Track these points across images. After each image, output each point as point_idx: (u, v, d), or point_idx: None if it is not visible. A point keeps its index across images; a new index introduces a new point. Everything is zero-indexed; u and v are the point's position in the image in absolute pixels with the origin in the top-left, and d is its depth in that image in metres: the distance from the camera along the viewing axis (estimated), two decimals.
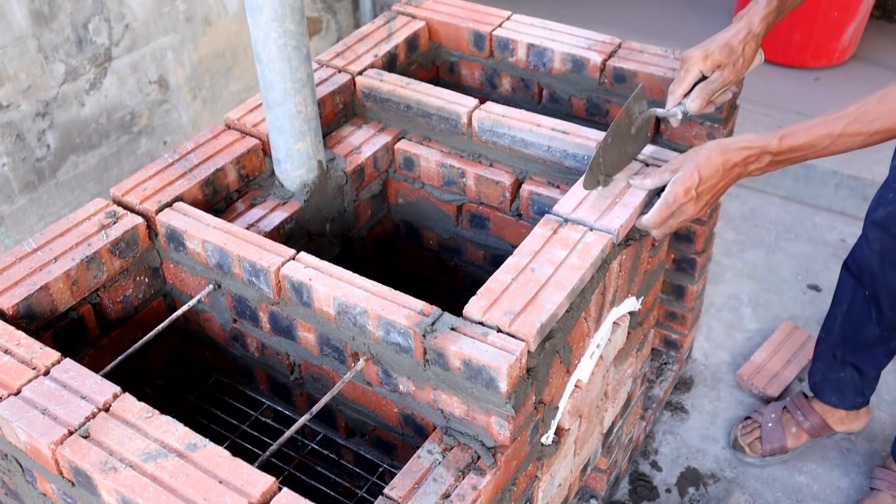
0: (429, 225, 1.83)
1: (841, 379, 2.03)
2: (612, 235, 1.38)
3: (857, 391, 2.04)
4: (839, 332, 1.98)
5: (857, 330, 1.95)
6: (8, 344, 1.23)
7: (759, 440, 2.10)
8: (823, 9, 3.06)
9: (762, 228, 2.81)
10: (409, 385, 1.32)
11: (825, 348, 2.03)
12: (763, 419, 2.12)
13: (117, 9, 2.60)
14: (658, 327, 2.17)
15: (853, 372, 2.01)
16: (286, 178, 1.59)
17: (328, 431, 1.56)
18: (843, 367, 2.02)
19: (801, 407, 2.11)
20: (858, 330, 1.95)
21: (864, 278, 1.88)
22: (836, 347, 2.00)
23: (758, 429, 2.11)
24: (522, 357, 1.20)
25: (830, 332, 2.01)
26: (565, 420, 1.45)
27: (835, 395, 2.06)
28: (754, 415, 2.15)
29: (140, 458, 1.08)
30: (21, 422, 1.13)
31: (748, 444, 2.09)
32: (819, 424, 2.09)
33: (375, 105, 1.76)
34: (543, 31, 1.92)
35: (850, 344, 1.98)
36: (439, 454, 1.24)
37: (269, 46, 1.44)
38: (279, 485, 1.06)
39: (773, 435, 2.09)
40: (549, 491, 1.51)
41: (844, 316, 1.96)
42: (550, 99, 1.94)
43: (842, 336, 1.98)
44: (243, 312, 1.47)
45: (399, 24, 1.95)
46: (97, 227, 1.42)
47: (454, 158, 1.70)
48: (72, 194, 2.67)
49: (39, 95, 2.47)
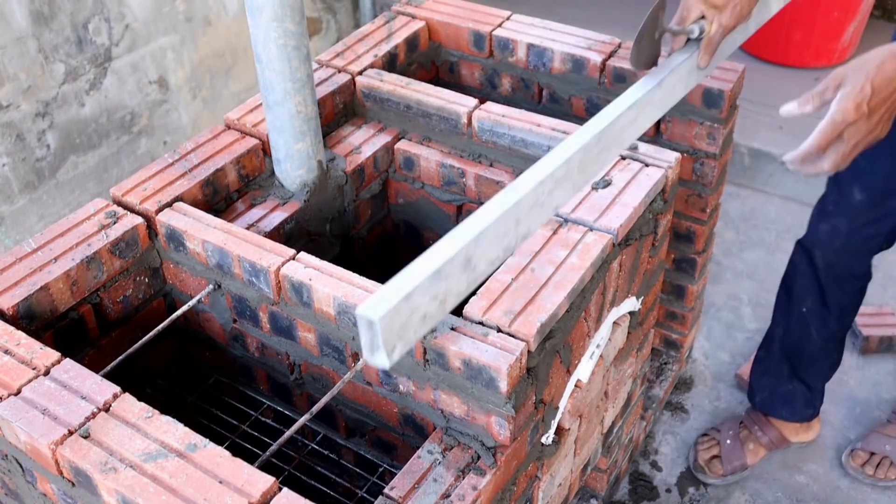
0: (429, 225, 1.83)
1: (790, 391, 2.03)
2: (611, 235, 1.38)
3: (807, 403, 2.04)
4: (780, 350, 2.00)
5: (800, 347, 1.96)
6: (8, 344, 1.23)
7: (717, 459, 2.07)
8: (823, 9, 3.06)
9: (762, 228, 2.81)
10: (409, 385, 1.32)
11: (769, 365, 2.04)
12: (721, 436, 2.10)
13: (117, 9, 2.60)
14: (658, 327, 2.17)
15: (801, 386, 2.02)
16: (286, 178, 1.59)
17: (328, 431, 1.56)
18: (790, 380, 2.03)
19: (759, 421, 2.11)
20: (801, 346, 1.96)
21: (804, 296, 1.89)
22: (780, 364, 2.01)
23: (716, 446, 2.09)
24: (522, 357, 1.20)
25: (771, 350, 2.03)
26: (565, 420, 1.45)
27: (785, 409, 2.06)
28: (711, 431, 2.13)
29: (140, 458, 1.08)
30: (21, 422, 1.13)
31: (706, 464, 2.07)
32: (777, 438, 2.10)
33: (375, 105, 1.76)
34: (543, 31, 1.92)
35: (795, 360, 1.99)
36: (439, 454, 1.24)
37: (269, 46, 1.44)
38: (279, 485, 1.06)
39: (732, 454, 2.07)
40: (549, 491, 1.51)
41: (785, 334, 1.98)
42: (550, 99, 1.94)
43: (784, 354, 2.00)
44: (243, 312, 1.47)
45: (399, 24, 1.95)
46: (97, 228, 1.42)
47: (454, 158, 1.70)
48: (72, 194, 2.67)
49: (39, 95, 2.47)
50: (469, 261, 1.02)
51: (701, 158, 1.84)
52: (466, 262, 1.02)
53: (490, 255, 1.05)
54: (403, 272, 0.94)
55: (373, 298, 0.88)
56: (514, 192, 1.06)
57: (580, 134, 1.15)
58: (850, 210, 1.72)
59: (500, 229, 1.05)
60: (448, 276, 0.98)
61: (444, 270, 0.97)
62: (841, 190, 1.72)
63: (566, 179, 1.13)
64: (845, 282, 1.84)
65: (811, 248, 1.84)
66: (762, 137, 2.91)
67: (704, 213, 1.92)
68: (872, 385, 2.30)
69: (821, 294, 1.87)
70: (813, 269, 1.85)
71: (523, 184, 1.07)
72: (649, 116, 1.27)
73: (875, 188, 1.67)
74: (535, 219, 1.11)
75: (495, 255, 1.06)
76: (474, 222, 1.02)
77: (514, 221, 1.06)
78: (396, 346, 0.90)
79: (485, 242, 1.03)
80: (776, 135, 2.90)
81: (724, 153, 1.88)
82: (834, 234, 1.77)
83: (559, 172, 1.11)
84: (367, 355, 0.89)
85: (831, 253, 1.80)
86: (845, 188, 1.71)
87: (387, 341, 0.87)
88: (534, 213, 1.10)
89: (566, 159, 1.11)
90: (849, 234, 1.75)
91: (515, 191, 1.06)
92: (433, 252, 0.99)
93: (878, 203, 1.69)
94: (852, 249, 1.78)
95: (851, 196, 1.70)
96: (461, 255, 1.00)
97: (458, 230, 1.03)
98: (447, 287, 0.98)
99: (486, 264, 1.05)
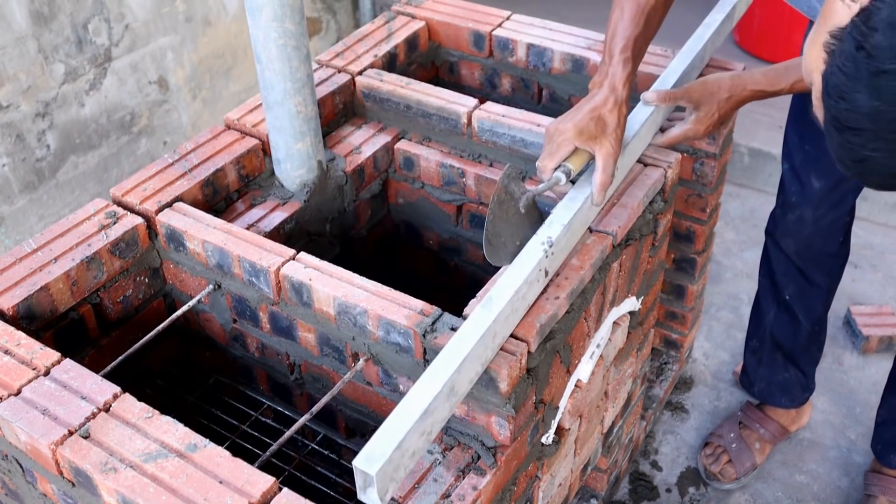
0: (429, 225, 1.83)
1: (787, 379, 2.06)
2: (611, 236, 1.38)
3: (803, 388, 2.08)
4: (771, 339, 2.03)
5: (790, 335, 2.00)
6: (8, 344, 1.23)
7: (729, 464, 2.07)
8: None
9: (762, 228, 2.78)
10: (409, 385, 1.32)
11: (763, 355, 2.06)
12: (725, 441, 2.10)
13: (117, 9, 2.60)
14: (658, 327, 2.17)
15: (797, 373, 2.05)
16: (286, 178, 1.59)
17: (328, 431, 1.56)
18: (785, 368, 2.05)
19: (757, 418, 2.12)
20: (791, 334, 2.00)
21: (786, 283, 1.93)
22: (773, 353, 2.04)
23: (724, 453, 2.09)
24: (522, 357, 1.20)
25: (763, 340, 2.05)
26: (565, 420, 1.45)
27: (784, 397, 2.08)
28: (713, 438, 2.13)
29: (140, 458, 1.08)
30: (21, 422, 1.13)
31: (720, 472, 2.06)
32: (778, 430, 2.11)
33: (375, 105, 1.76)
34: (543, 31, 1.92)
35: (787, 349, 2.02)
36: (439, 454, 1.24)
37: (269, 46, 1.44)
38: (279, 485, 1.06)
39: (742, 456, 2.07)
40: (549, 491, 1.51)
41: (774, 323, 2.00)
42: (550, 99, 1.94)
43: (775, 343, 2.02)
44: (243, 312, 1.47)
45: (399, 24, 1.95)
46: (97, 228, 1.42)
47: (454, 158, 1.70)
48: (72, 195, 2.67)
49: (39, 96, 2.47)
50: (453, 388, 1.08)
51: (701, 158, 1.84)
52: (451, 390, 1.07)
53: (471, 374, 1.12)
54: (394, 415, 1.00)
55: (368, 450, 0.95)
56: (489, 310, 1.14)
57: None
58: (813, 198, 1.78)
59: (479, 349, 1.11)
60: (434, 410, 1.04)
61: (432, 406, 1.03)
62: (800, 180, 1.78)
63: (536, 282, 1.23)
64: (822, 262, 1.89)
65: (780, 238, 1.89)
66: (762, 137, 2.91)
67: (704, 212, 1.92)
68: (872, 385, 2.30)
69: (802, 276, 1.91)
70: (787, 256, 1.90)
71: (498, 299, 1.15)
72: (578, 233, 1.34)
73: (830, 174, 1.74)
74: (508, 329, 1.19)
75: (475, 373, 1.13)
76: (456, 349, 1.09)
77: (491, 336, 1.14)
78: (389, 488, 0.98)
79: (467, 367, 1.09)
80: (776, 135, 2.90)
81: (724, 153, 1.88)
82: (801, 224, 1.83)
83: (531, 276, 1.20)
84: (360, 494, 0.97)
85: (802, 240, 1.86)
86: (804, 178, 1.77)
87: (381, 489, 0.96)
88: (510, 321, 1.19)
89: (536, 264, 1.21)
90: (815, 221, 1.81)
91: (492, 309, 1.14)
92: (419, 390, 1.04)
93: (834, 187, 1.75)
94: (821, 233, 1.84)
95: (811, 185, 1.77)
96: (447, 387, 1.06)
97: (440, 361, 1.08)
98: (433, 420, 1.05)
99: (467, 384, 1.12)
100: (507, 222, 1.25)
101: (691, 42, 1.69)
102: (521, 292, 1.19)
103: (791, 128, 1.79)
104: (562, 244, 1.28)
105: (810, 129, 1.73)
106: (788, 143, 1.80)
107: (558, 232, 1.26)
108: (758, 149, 2.90)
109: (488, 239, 1.20)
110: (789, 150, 1.80)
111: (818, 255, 1.88)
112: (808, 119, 1.71)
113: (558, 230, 1.26)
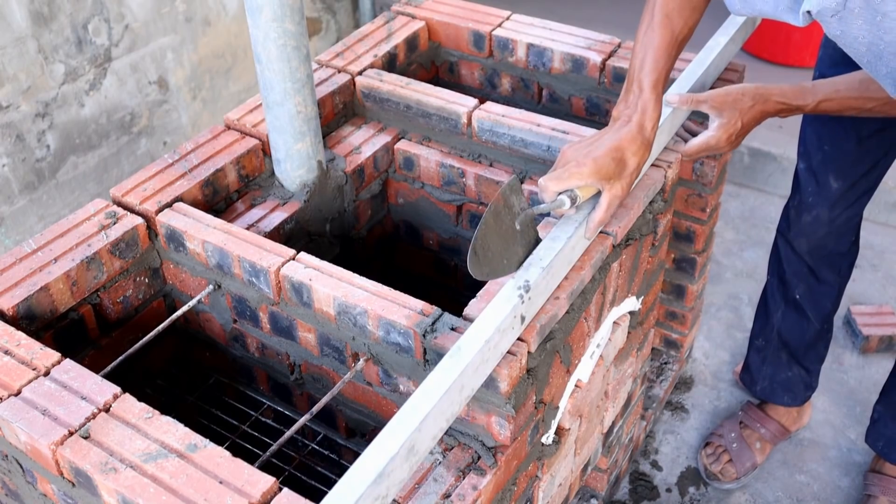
0: (429, 225, 1.83)
1: (790, 378, 2.06)
2: (611, 237, 1.38)
3: (806, 386, 2.08)
4: (778, 338, 2.03)
5: (799, 333, 2.00)
6: (8, 344, 1.23)
7: (729, 464, 2.07)
8: None
9: (762, 228, 2.81)
10: (409, 385, 1.32)
11: (768, 354, 2.06)
12: (725, 441, 2.10)
13: (117, 9, 2.60)
14: (658, 327, 2.17)
15: (801, 370, 2.05)
16: (286, 178, 1.59)
17: (328, 431, 1.56)
18: (789, 367, 2.05)
19: (758, 418, 2.12)
20: (800, 333, 2.00)
21: (796, 282, 1.94)
22: (778, 351, 2.04)
23: (725, 452, 2.09)
24: (522, 357, 1.20)
25: (769, 339, 2.05)
26: (566, 420, 1.45)
27: (787, 395, 2.08)
28: (714, 438, 2.13)
29: (140, 458, 1.08)
30: (21, 422, 1.13)
31: (720, 472, 2.06)
32: (778, 430, 2.11)
33: (375, 105, 1.76)
34: (543, 31, 1.92)
35: (793, 347, 2.02)
36: (439, 454, 1.24)
37: (269, 47, 1.44)
38: (279, 485, 1.06)
39: (743, 455, 2.07)
40: (549, 491, 1.51)
41: (783, 321, 2.00)
42: (550, 99, 1.94)
43: (782, 342, 2.02)
44: (243, 313, 1.47)
45: (399, 24, 1.95)
46: (97, 228, 1.42)
47: (454, 158, 1.70)
48: (72, 195, 2.67)
49: (39, 96, 2.47)
50: (413, 447, 1.00)
51: (701, 158, 1.84)
52: (410, 450, 1.00)
53: (435, 431, 1.04)
54: (347, 477, 0.92)
55: None
56: (457, 360, 1.06)
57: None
58: (830, 198, 1.78)
59: (444, 405, 1.04)
60: (391, 472, 0.97)
61: (388, 469, 0.96)
62: (818, 180, 1.78)
63: (511, 329, 1.16)
64: (833, 261, 1.90)
65: (794, 239, 1.89)
66: (762, 137, 2.91)
67: (704, 212, 1.92)
68: (872, 385, 2.30)
69: (813, 275, 1.91)
70: (799, 256, 1.90)
71: (467, 349, 1.08)
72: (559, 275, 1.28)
73: (847, 174, 1.75)
74: (479, 380, 1.12)
75: (440, 429, 1.05)
76: (417, 404, 1.00)
77: (458, 389, 1.07)
78: None
79: (429, 424, 1.02)
80: (776, 134, 2.90)
81: (724, 153, 1.88)
82: (817, 224, 1.83)
83: (505, 323, 1.14)
84: None
85: (816, 240, 1.86)
86: (822, 178, 1.77)
87: None
88: (480, 372, 1.12)
89: (511, 309, 1.14)
90: (831, 221, 1.81)
91: (459, 359, 1.06)
92: (373, 452, 0.95)
93: (851, 187, 1.76)
94: (835, 232, 1.84)
95: (829, 185, 1.77)
96: (405, 447, 0.98)
97: (399, 418, 0.99)
98: (389, 483, 0.97)
99: (430, 441, 1.04)
100: (500, 236, 1.18)
101: (707, 48, 1.68)
102: (492, 342, 1.11)
103: (809, 128, 1.78)
104: (540, 288, 1.20)
105: (829, 128, 1.72)
106: (806, 143, 1.79)
107: (536, 275, 1.18)
108: (758, 148, 2.91)
109: (475, 250, 1.13)
110: (806, 150, 1.79)
111: (830, 254, 1.88)
112: (826, 119, 1.71)
113: (536, 273, 1.19)
